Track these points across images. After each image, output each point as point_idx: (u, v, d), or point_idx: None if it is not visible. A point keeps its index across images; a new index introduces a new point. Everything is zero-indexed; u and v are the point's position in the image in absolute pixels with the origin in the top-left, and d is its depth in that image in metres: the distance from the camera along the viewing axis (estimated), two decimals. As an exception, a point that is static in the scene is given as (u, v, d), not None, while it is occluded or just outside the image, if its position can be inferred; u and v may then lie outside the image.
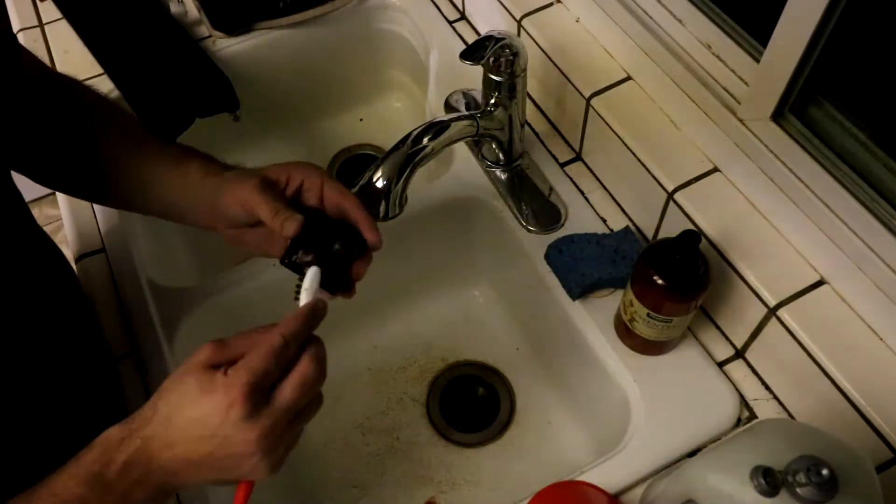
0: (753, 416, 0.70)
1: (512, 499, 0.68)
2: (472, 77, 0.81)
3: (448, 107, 0.93)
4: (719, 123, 0.70)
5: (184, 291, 0.81)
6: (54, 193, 0.83)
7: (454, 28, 1.01)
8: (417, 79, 1.12)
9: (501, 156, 0.85)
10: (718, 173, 0.73)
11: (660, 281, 0.65)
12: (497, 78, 0.75)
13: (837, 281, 0.66)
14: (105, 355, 0.75)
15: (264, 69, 1.04)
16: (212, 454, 0.48)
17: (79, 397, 0.64)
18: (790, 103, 0.65)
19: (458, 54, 0.72)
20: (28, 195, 0.61)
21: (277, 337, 0.49)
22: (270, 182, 0.60)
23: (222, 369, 0.48)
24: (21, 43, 1.00)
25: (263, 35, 1.02)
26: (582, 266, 0.76)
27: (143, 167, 0.64)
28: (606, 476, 0.67)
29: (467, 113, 0.76)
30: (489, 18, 0.96)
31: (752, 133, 0.67)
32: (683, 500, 0.52)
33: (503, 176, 0.86)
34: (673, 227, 0.72)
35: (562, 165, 0.87)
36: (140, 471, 0.48)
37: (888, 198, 0.60)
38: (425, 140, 0.70)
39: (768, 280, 0.67)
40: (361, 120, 1.18)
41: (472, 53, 0.72)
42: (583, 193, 0.84)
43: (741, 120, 0.68)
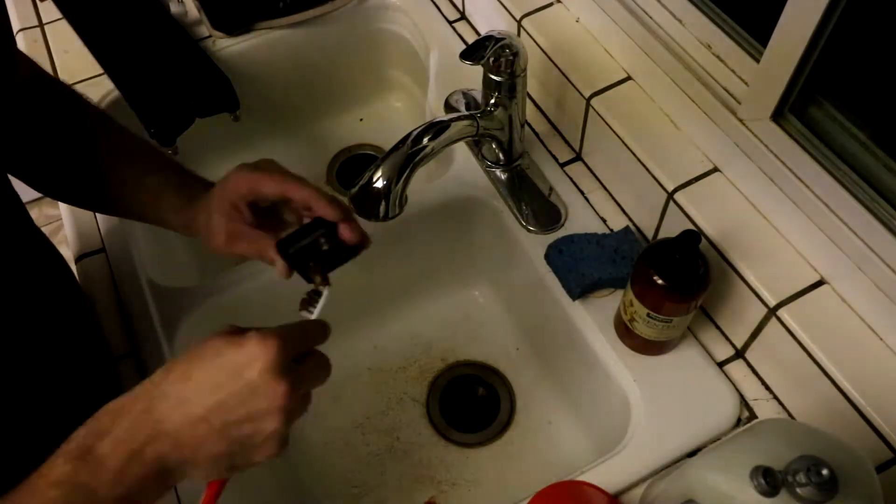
0: (753, 416, 0.70)
1: (512, 499, 0.68)
2: (472, 77, 0.81)
3: (448, 107, 0.93)
4: (719, 123, 0.70)
5: (184, 291, 0.81)
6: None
7: (454, 28, 1.01)
8: (417, 79, 1.12)
9: (501, 156, 0.85)
10: (718, 173, 0.73)
11: (660, 281, 0.65)
12: (497, 78, 0.75)
13: (837, 281, 0.66)
14: (105, 355, 0.75)
15: (264, 69, 1.04)
16: (233, 411, 0.45)
17: (79, 398, 0.64)
18: (790, 103, 0.65)
19: (458, 54, 0.72)
20: (28, 195, 0.62)
21: (299, 324, 0.51)
22: (235, 209, 0.61)
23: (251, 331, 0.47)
24: (20, 44, 1.01)
25: (263, 35, 1.02)
26: (582, 266, 0.76)
27: (133, 190, 0.67)
28: (606, 476, 0.67)
29: (467, 113, 0.76)
30: (489, 18, 0.96)
31: (752, 133, 0.67)
32: (683, 500, 0.52)
33: (503, 176, 0.86)
34: (673, 227, 0.72)
35: (562, 165, 0.87)
36: (139, 440, 0.45)
37: (888, 198, 0.60)
38: (425, 140, 0.70)
39: (768, 280, 0.67)
40: (361, 120, 1.18)
41: (472, 53, 0.72)
42: (583, 193, 0.84)
43: (741, 120, 0.68)
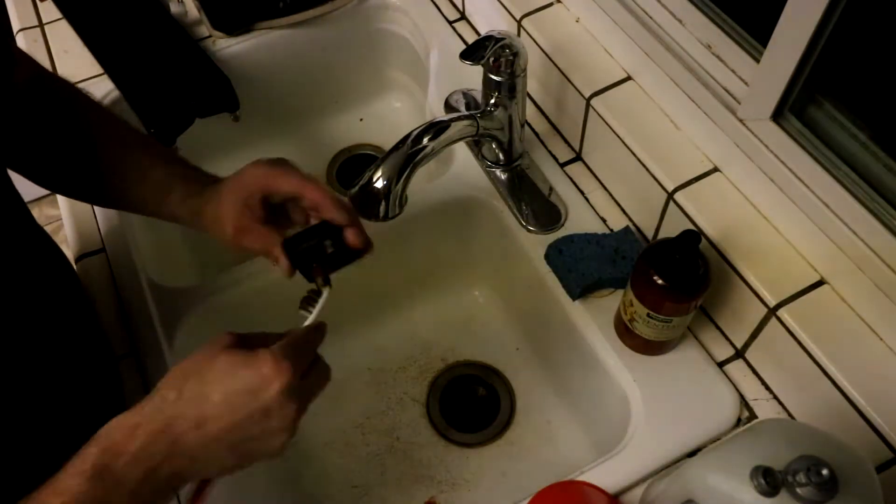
0: (753, 416, 0.70)
1: (512, 499, 0.68)
2: (472, 77, 0.81)
3: (448, 107, 0.93)
4: (719, 123, 0.70)
5: (184, 291, 0.81)
6: (54, 193, 0.83)
7: (454, 28, 1.01)
8: (417, 79, 1.12)
9: (501, 156, 0.85)
10: (718, 173, 0.73)
11: (660, 281, 0.65)
12: (497, 78, 0.75)
13: (837, 281, 0.66)
14: (107, 354, 0.75)
15: (264, 69, 1.04)
16: (246, 430, 0.48)
17: (80, 396, 0.64)
18: (790, 103, 0.65)
19: (458, 54, 0.72)
20: (28, 195, 0.61)
21: (303, 332, 0.53)
22: (247, 204, 0.61)
23: (262, 349, 0.49)
24: (20, 44, 1.01)
25: (263, 35, 1.02)
26: (582, 266, 0.76)
27: (136, 183, 0.67)
28: (606, 476, 0.67)
29: (467, 113, 0.76)
30: (489, 18, 0.96)
31: (752, 133, 0.67)
32: (683, 500, 0.52)
33: (503, 176, 0.86)
34: (673, 227, 0.72)
35: (562, 165, 0.87)
36: (156, 459, 0.46)
37: (888, 198, 0.60)
38: (425, 140, 0.70)
39: (768, 280, 0.67)
40: (361, 120, 1.18)
41: (472, 53, 0.72)
42: (583, 193, 0.84)
43: (741, 120, 0.68)
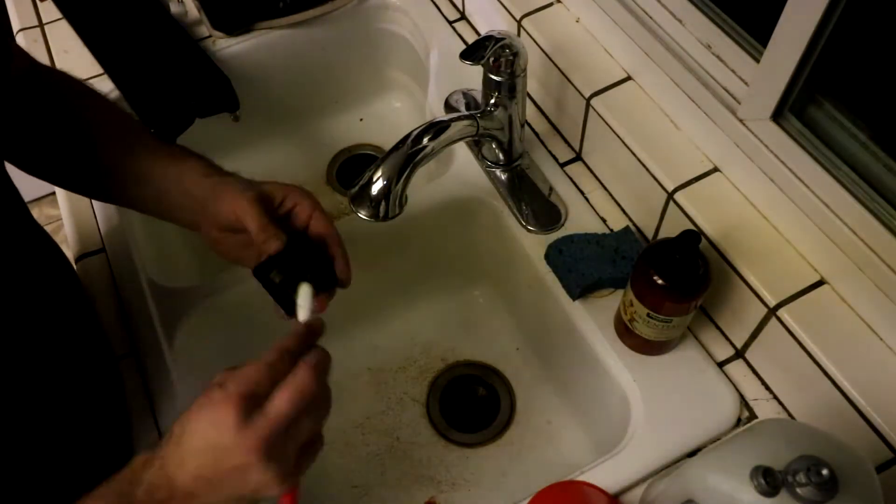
0: (753, 416, 0.70)
1: (512, 499, 0.68)
2: (472, 77, 0.81)
3: (448, 107, 0.93)
4: (719, 123, 0.70)
5: (184, 291, 0.81)
6: (54, 193, 0.83)
7: (454, 28, 1.01)
8: (417, 79, 1.12)
9: (501, 156, 0.85)
10: (718, 173, 0.73)
11: (660, 281, 0.65)
12: (497, 78, 0.75)
13: (837, 281, 0.66)
14: (107, 354, 0.75)
15: (264, 69, 1.04)
16: (218, 468, 0.48)
17: (80, 396, 0.64)
18: (790, 103, 0.65)
19: (458, 54, 0.72)
20: (28, 195, 0.61)
21: (273, 352, 0.50)
22: (266, 197, 0.61)
23: (221, 385, 0.49)
24: (20, 44, 1.02)
25: (263, 35, 1.02)
26: (582, 266, 0.76)
27: (141, 158, 0.65)
28: (606, 476, 0.67)
29: (467, 113, 0.76)
30: (489, 18, 0.96)
31: (752, 133, 0.67)
32: (683, 500, 0.52)
33: (503, 176, 0.86)
34: (673, 227, 0.72)
35: (562, 165, 0.87)
36: (163, 493, 0.48)
37: (888, 198, 0.60)
38: (425, 140, 0.70)
39: (768, 280, 0.67)
40: (361, 120, 1.18)
41: (472, 53, 0.72)
42: (583, 193, 0.84)
43: (741, 120, 0.68)
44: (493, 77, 0.75)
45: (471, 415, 0.91)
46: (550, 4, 0.88)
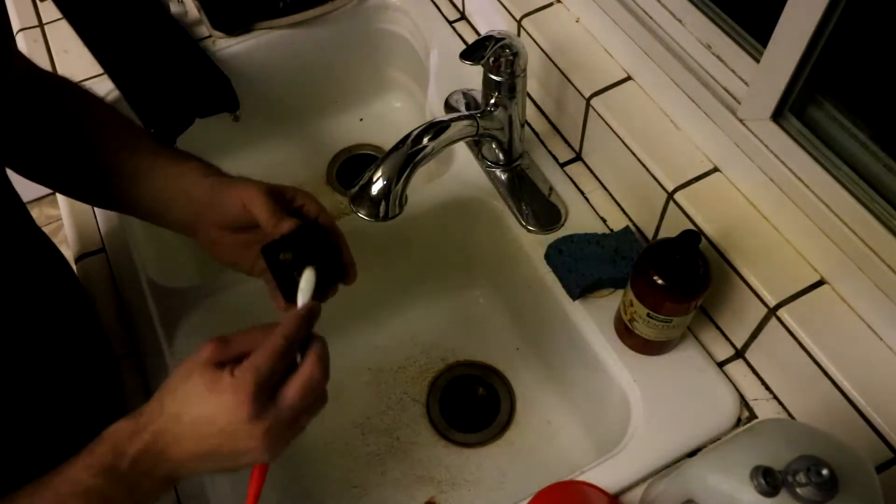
0: (753, 416, 0.70)
1: (512, 499, 0.68)
2: (472, 77, 0.81)
3: (448, 107, 0.93)
4: (719, 123, 0.70)
5: (184, 291, 0.81)
6: (54, 193, 0.83)
7: (454, 28, 1.01)
8: (417, 79, 1.12)
9: (501, 156, 0.85)
10: (718, 173, 0.73)
11: (660, 281, 0.65)
12: (497, 78, 0.75)
13: (837, 281, 0.66)
14: (106, 354, 0.75)
15: (264, 69, 1.04)
16: (219, 449, 0.50)
17: (80, 397, 0.64)
18: (790, 103, 0.65)
19: (458, 54, 0.72)
20: (28, 195, 0.61)
21: (280, 338, 0.51)
22: (276, 191, 0.62)
23: (228, 369, 0.50)
24: (20, 44, 1.02)
25: (263, 35, 1.02)
26: (582, 266, 0.76)
27: (140, 159, 0.65)
28: (606, 476, 0.67)
29: (467, 113, 0.76)
30: (489, 18, 0.96)
31: (752, 133, 0.67)
32: (683, 500, 0.52)
33: (503, 176, 0.86)
34: (673, 227, 0.72)
35: (562, 165, 0.87)
36: (150, 463, 0.50)
37: (888, 198, 0.60)
38: (425, 140, 0.70)
39: (768, 280, 0.67)
40: (361, 120, 1.18)
41: (472, 53, 0.72)
42: (583, 193, 0.84)
43: (741, 120, 0.68)
44: (493, 77, 0.75)
45: (471, 415, 0.91)
46: (550, 4, 0.88)
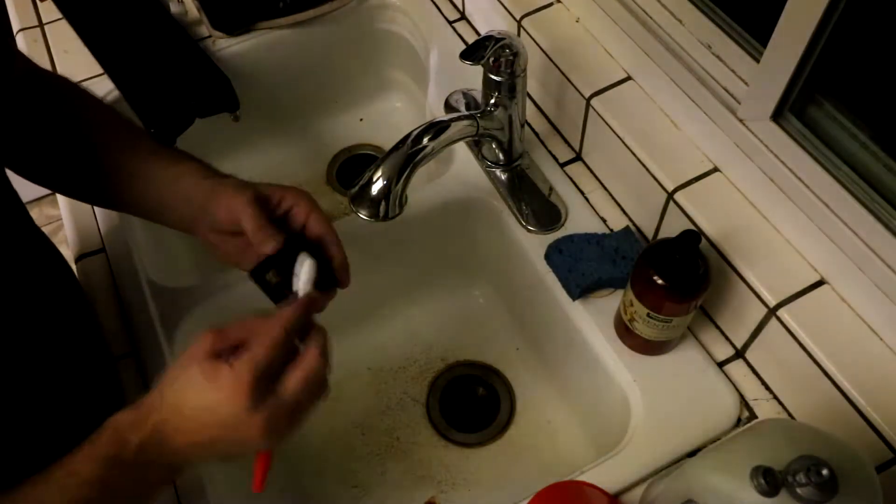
0: (753, 416, 0.70)
1: (512, 499, 0.68)
2: (472, 77, 0.81)
3: (448, 107, 0.93)
4: (719, 123, 0.70)
5: (184, 291, 0.81)
6: (54, 194, 0.83)
7: (454, 28, 1.01)
8: (417, 79, 1.12)
9: (501, 156, 0.85)
10: (718, 173, 0.73)
11: (660, 281, 0.65)
12: (497, 78, 0.75)
13: (837, 281, 0.66)
14: (105, 355, 0.75)
15: (264, 69, 1.04)
16: (220, 438, 0.51)
17: (79, 397, 0.64)
18: (790, 103, 0.65)
19: (458, 54, 0.72)
20: (28, 195, 0.61)
21: (279, 329, 0.52)
22: (263, 198, 0.61)
23: (226, 360, 0.50)
24: (20, 44, 1.02)
25: (263, 35, 1.02)
26: (582, 266, 0.76)
27: (139, 159, 0.65)
28: (606, 476, 0.67)
29: (467, 113, 0.76)
30: (489, 18, 0.96)
31: (752, 133, 0.67)
32: (683, 500, 0.52)
33: (503, 176, 0.86)
34: (673, 227, 0.72)
35: (562, 165, 0.87)
36: (153, 453, 0.51)
37: (888, 198, 0.60)
38: (425, 140, 0.70)
39: (768, 280, 0.67)
40: (361, 120, 1.18)
41: (472, 53, 0.72)
42: (583, 193, 0.84)
43: (741, 120, 0.68)
44: (493, 77, 0.75)
45: (471, 415, 0.91)
46: (550, 4, 0.88)
